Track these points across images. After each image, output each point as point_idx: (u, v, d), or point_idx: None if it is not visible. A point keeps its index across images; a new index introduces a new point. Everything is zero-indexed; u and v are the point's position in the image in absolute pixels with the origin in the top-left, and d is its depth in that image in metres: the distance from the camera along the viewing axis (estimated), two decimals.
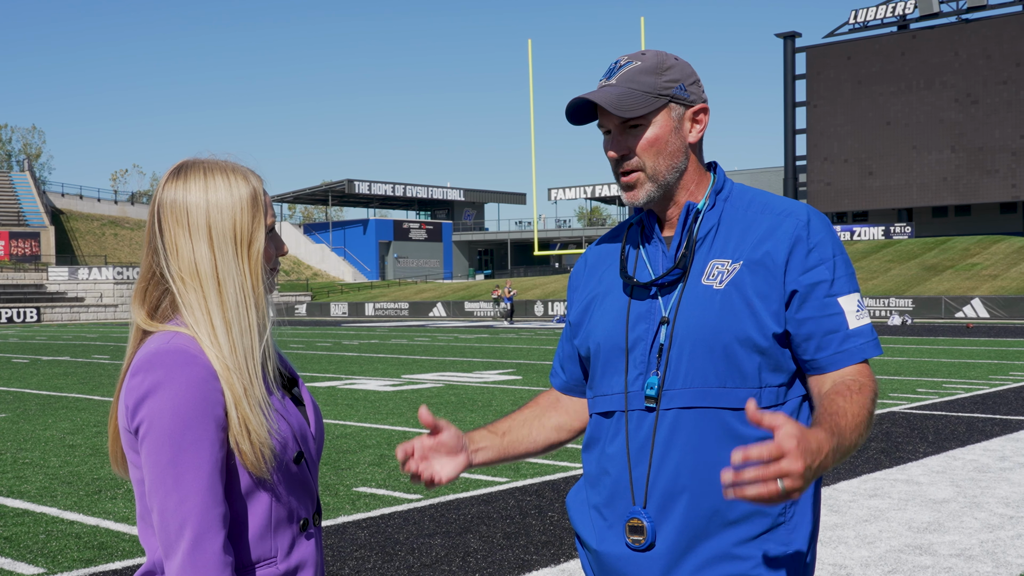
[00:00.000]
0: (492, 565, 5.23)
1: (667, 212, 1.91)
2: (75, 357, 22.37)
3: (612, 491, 1.86)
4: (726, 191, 1.91)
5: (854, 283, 1.83)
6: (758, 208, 1.87)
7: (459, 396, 13.19)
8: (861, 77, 62.11)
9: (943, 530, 5.84)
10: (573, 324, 2.02)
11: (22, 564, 5.34)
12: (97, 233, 71.31)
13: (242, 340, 1.63)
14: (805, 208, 1.85)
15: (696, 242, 1.85)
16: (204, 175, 1.66)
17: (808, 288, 1.78)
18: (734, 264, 1.80)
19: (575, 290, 2.05)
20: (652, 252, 1.91)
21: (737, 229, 1.85)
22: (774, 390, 1.80)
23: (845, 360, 1.79)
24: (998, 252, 50.28)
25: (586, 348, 1.96)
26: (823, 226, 1.83)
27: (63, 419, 11.25)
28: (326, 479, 7.50)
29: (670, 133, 1.84)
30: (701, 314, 1.79)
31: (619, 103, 1.81)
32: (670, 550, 1.78)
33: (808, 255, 1.79)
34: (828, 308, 1.79)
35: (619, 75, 1.85)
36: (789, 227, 1.81)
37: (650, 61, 1.86)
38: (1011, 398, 12.28)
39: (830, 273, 1.79)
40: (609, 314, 1.91)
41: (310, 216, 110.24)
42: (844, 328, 1.79)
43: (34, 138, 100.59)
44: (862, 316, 1.81)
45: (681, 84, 1.86)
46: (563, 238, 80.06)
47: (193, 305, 1.63)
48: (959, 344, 23.55)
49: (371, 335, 32.65)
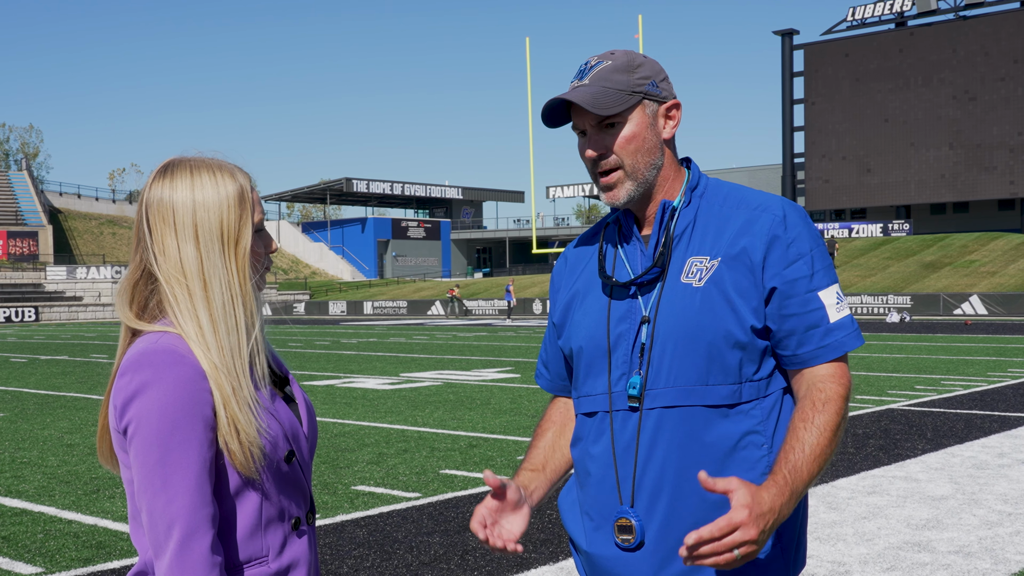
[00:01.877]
0: (490, 563, 5.23)
1: (645, 210, 1.91)
2: (73, 356, 22.35)
3: (597, 492, 1.86)
4: (701, 187, 1.92)
5: (832, 275, 1.84)
6: (733, 203, 1.87)
7: (457, 394, 13.18)
8: (859, 74, 62.10)
9: (942, 527, 5.84)
10: (556, 325, 2.03)
11: (20, 563, 5.34)
12: (95, 232, 71.24)
13: (229, 339, 1.62)
14: (780, 202, 1.85)
15: (673, 240, 1.85)
16: (190, 173, 1.65)
17: (788, 284, 1.79)
18: (712, 261, 1.81)
19: (556, 291, 2.05)
20: (630, 251, 1.91)
21: (713, 225, 1.85)
22: (755, 384, 1.82)
23: (825, 355, 1.80)
24: (996, 249, 50.28)
25: (569, 349, 1.97)
26: (800, 220, 1.84)
27: (61, 418, 11.24)
28: (324, 478, 7.50)
29: (646, 129, 1.85)
30: (682, 312, 1.80)
31: (595, 101, 1.81)
32: (659, 548, 1.79)
33: (787, 251, 1.80)
34: (809, 303, 1.80)
35: (591, 75, 1.85)
36: (766, 222, 1.81)
37: (620, 60, 1.87)
38: (1009, 395, 12.29)
39: (808, 268, 1.80)
40: (590, 315, 1.91)
41: (308, 215, 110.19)
42: (825, 322, 1.80)
43: (32, 137, 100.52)
44: (842, 308, 1.82)
45: (653, 81, 1.87)
46: (561, 236, 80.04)
47: (180, 304, 1.63)
48: (957, 341, 23.56)
49: (369, 333, 32.65)
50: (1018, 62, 57.09)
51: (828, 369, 1.81)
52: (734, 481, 1.60)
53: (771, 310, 1.80)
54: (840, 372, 1.82)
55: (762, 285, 1.79)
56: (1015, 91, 57.24)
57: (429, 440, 9.31)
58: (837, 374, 1.81)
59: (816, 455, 1.72)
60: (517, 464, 7.90)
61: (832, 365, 1.82)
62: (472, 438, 9.40)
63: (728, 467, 1.79)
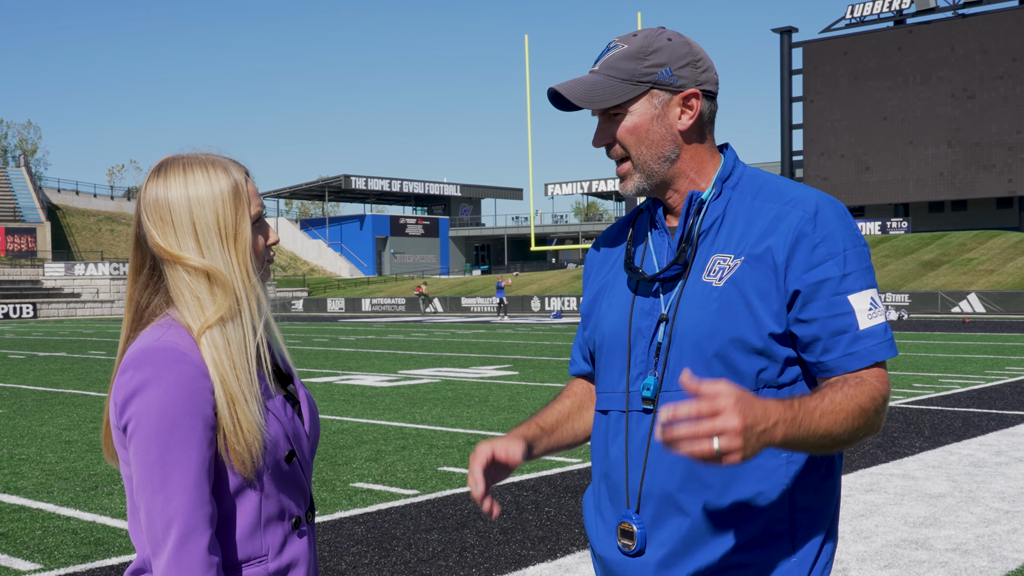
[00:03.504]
0: (488, 560, 5.23)
1: (670, 201, 1.81)
2: (71, 353, 22.33)
3: (611, 494, 1.81)
4: (734, 178, 1.80)
5: (869, 278, 1.69)
6: (767, 196, 1.75)
7: (456, 391, 13.18)
8: (858, 72, 62.09)
9: (939, 525, 5.85)
10: (584, 315, 1.95)
11: (19, 560, 5.34)
12: (93, 229, 71.17)
13: (235, 334, 1.62)
14: (816, 197, 1.72)
15: (699, 235, 1.75)
16: (183, 171, 1.65)
17: (812, 287, 1.66)
18: (735, 260, 1.70)
19: (587, 279, 1.97)
20: (658, 242, 1.82)
21: (742, 221, 1.73)
22: (774, 391, 1.70)
23: (853, 363, 1.66)
24: (994, 247, 50.30)
25: (593, 341, 1.90)
26: (835, 217, 1.70)
27: (59, 415, 11.24)
28: (323, 475, 7.50)
29: (651, 121, 1.75)
30: (699, 313, 1.70)
31: (587, 95, 1.74)
32: (661, 558, 1.72)
33: (813, 251, 1.66)
34: (836, 307, 1.66)
35: (603, 60, 1.78)
36: (794, 219, 1.69)
37: (635, 45, 1.76)
38: (1007, 393, 12.30)
39: (839, 269, 1.66)
40: (615, 308, 1.84)
41: (306, 212, 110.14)
42: (854, 328, 1.66)
43: (30, 134, 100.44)
44: (875, 315, 1.68)
45: (667, 68, 1.74)
46: (560, 233, 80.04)
47: (184, 301, 1.63)
48: (955, 339, 23.58)
49: (368, 330, 32.63)
50: (1016, 60, 57.08)
51: (869, 373, 1.67)
52: (722, 383, 1.44)
53: (793, 314, 1.68)
54: (876, 374, 1.67)
55: (784, 288, 1.67)
56: (1013, 89, 57.23)
57: (427, 437, 9.31)
58: (874, 375, 1.67)
59: (833, 410, 1.57)
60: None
61: (873, 370, 1.67)
62: (470, 435, 9.40)
63: (742, 476, 1.68)
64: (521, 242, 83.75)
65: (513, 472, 1.83)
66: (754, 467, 1.69)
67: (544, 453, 1.91)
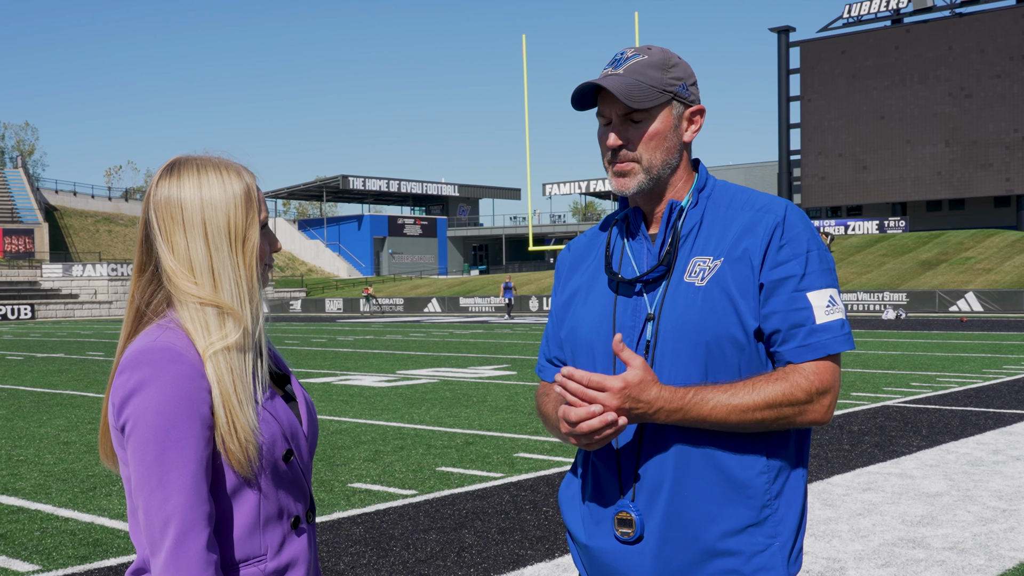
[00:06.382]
0: (487, 560, 5.24)
1: (654, 209, 1.94)
2: (69, 354, 22.32)
3: (600, 486, 1.90)
4: (708, 188, 1.94)
5: (829, 279, 1.84)
6: (739, 205, 1.90)
7: (454, 391, 13.19)
8: (855, 71, 62.13)
9: (936, 523, 5.86)
10: (557, 316, 2.05)
11: (17, 561, 5.34)
12: (91, 230, 71.10)
13: (236, 336, 1.63)
14: (783, 204, 1.88)
15: (679, 239, 1.88)
16: (197, 172, 1.66)
17: (776, 283, 1.81)
18: (715, 261, 1.83)
19: (559, 281, 2.08)
20: (637, 248, 1.93)
21: (719, 226, 1.88)
22: None
23: (808, 354, 1.80)
24: (992, 246, 50.35)
25: (572, 342, 1.98)
26: (799, 221, 1.86)
27: (57, 416, 11.24)
28: (321, 475, 7.50)
29: (669, 130, 1.88)
30: (684, 311, 1.82)
31: (628, 93, 1.83)
32: (657, 542, 1.82)
33: (780, 250, 1.82)
34: (796, 302, 1.80)
35: (626, 66, 1.87)
36: (768, 223, 1.83)
37: (656, 56, 1.89)
38: (1004, 391, 12.31)
39: (801, 268, 1.81)
40: (595, 310, 1.93)
41: (304, 212, 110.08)
42: (810, 322, 1.80)
43: (27, 135, 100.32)
44: (833, 312, 1.82)
45: (684, 83, 1.89)
46: (558, 233, 80.00)
47: (188, 301, 1.63)
48: (953, 338, 23.60)
49: (366, 331, 32.63)
50: (1014, 59, 57.13)
51: (815, 364, 1.80)
52: (638, 360, 1.73)
53: (760, 307, 1.82)
54: (820, 370, 1.80)
55: (757, 285, 1.82)
56: (1011, 88, 57.29)
57: (425, 437, 9.31)
58: (822, 368, 1.80)
59: (734, 407, 1.74)
60: (514, 461, 7.92)
61: (819, 363, 1.81)
62: (468, 435, 9.41)
63: (734, 465, 1.82)
64: (519, 242, 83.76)
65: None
66: (744, 457, 1.81)
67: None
